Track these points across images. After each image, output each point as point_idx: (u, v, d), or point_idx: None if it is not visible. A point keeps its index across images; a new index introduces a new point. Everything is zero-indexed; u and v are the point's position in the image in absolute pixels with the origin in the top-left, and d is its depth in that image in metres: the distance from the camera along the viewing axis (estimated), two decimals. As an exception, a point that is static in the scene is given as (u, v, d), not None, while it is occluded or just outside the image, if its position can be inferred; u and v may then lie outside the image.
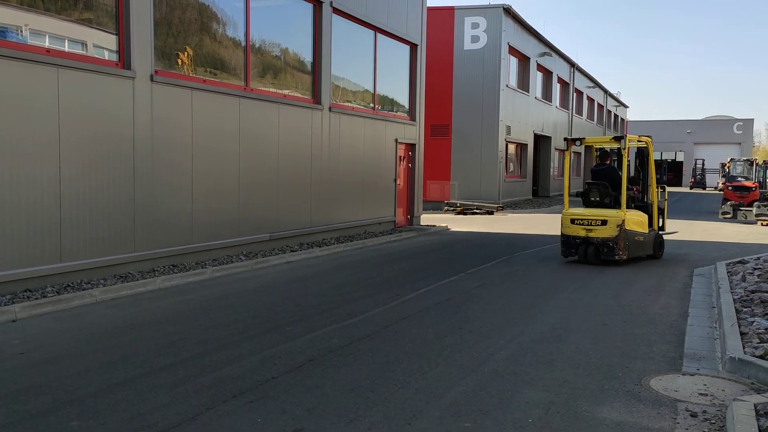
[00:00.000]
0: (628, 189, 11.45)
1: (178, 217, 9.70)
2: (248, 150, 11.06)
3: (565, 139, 11.84)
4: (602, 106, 48.12)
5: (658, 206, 12.16)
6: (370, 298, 8.12)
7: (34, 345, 5.80)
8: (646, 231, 11.62)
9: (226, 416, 4.24)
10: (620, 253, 10.92)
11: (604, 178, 11.61)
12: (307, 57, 12.98)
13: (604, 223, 10.97)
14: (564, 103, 36.81)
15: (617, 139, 11.16)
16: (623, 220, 10.88)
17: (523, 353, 5.79)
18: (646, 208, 11.92)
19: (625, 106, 57.94)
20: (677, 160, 65.89)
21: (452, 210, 23.50)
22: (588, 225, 11.10)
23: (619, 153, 11.82)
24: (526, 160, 30.10)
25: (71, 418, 4.16)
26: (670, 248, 13.81)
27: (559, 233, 11.73)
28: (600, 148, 11.96)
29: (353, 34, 14.61)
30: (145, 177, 9.06)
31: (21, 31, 7.65)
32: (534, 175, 32.52)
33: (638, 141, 11.72)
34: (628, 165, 11.96)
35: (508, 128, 26.86)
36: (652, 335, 6.52)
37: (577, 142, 11.42)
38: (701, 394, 4.82)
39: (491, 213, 23.10)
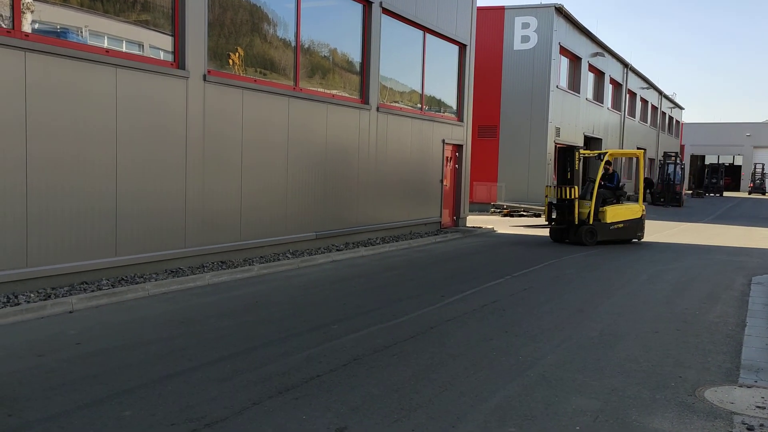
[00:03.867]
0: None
1: (227, 215, 9.88)
2: (296, 149, 11.19)
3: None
4: (656, 108, 46.84)
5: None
6: (415, 299, 8.10)
7: (89, 336, 5.99)
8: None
9: (272, 412, 4.29)
10: None
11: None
12: (356, 57, 13.05)
13: None
14: (616, 105, 36.00)
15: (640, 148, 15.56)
16: None
17: (571, 359, 5.68)
18: None
19: (681, 108, 56.27)
20: (735, 164, 63.70)
21: (499, 212, 23.26)
22: None
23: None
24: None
25: (124, 408, 4.28)
26: (726, 255, 13.36)
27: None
28: (610, 160, 15.38)
29: (402, 34, 14.61)
30: (196, 174, 9.26)
31: (81, 32, 7.92)
32: (583, 178, 31.89)
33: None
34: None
35: (558, 130, 26.43)
36: (707, 344, 6.31)
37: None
38: (759, 407, 4.64)
39: (539, 215, 22.77)
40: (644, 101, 42.97)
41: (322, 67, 12.18)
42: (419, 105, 15.50)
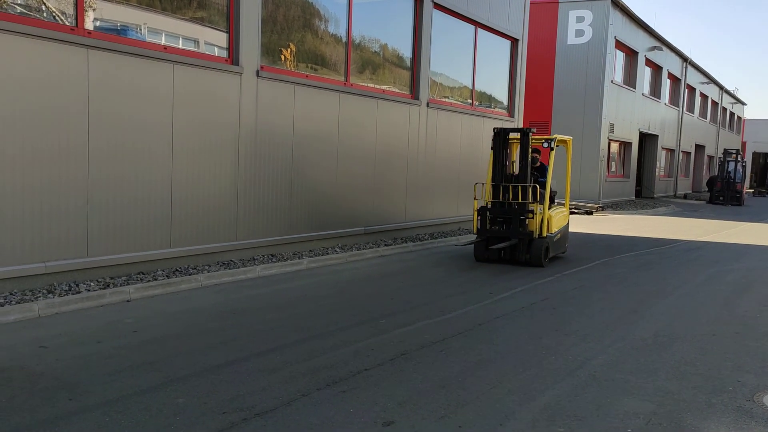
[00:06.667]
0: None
1: (277, 208, 10.02)
2: (346, 144, 11.25)
3: None
4: (717, 104, 45.20)
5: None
6: (463, 295, 8.06)
7: (145, 324, 6.18)
8: None
9: (319, 404, 4.34)
10: None
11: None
12: (407, 52, 13.03)
13: None
14: (674, 100, 34.90)
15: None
16: None
17: (623, 360, 5.55)
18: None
19: (743, 104, 54.12)
20: (800, 162, 60.91)
21: (549, 209, 22.86)
22: None
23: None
24: (629, 159, 28.82)
25: (177, 395, 4.40)
26: (790, 257, 12.80)
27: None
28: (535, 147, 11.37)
29: (453, 29, 14.51)
30: (248, 169, 9.42)
31: (140, 30, 8.16)
32: (638, 175, 31.09)
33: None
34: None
35: (612, 126, 25.81)
36: (768, 349, 6.07)
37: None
38: (823, 416, 4.44)
39: (590, 213, 22.31)
40: (704, 96, 41.51)
41: (372, 63, 12.21)
42: (470, 100, 15.38)
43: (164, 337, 5.78)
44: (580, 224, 18.52)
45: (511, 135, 10.90)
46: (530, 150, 10.61)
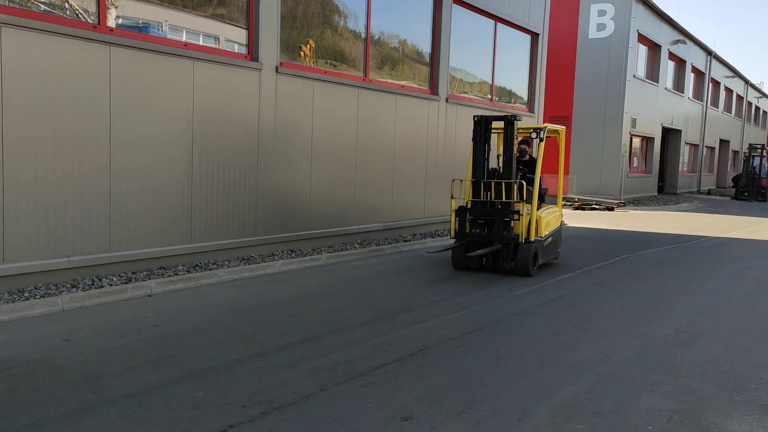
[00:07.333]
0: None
1: (297, 204, 10.06)
2: (365, 139, 11.26)
3: None
4: (742, 98, 44.44)
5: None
6: (481, 291, 8.04)
7: (166, 319, 6.25)
8: None
9: (338, 398, 4.36)
10: None
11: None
12: (425, 48, 12.99)
13: None
14: (698, 95, 34.38)
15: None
16: None
17: (644, 357, 5.50)
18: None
19: (769, 98, 53.18)
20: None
21: (569, 205, 22.71)
22: None
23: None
24: (652, 154, 28.48)
25: (198, 389, 4.45)
26: (817, 253, 12.57)
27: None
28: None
29: (472, 23, 14.43)
30: (267, 164, 9.47)
31: (161, 27, 8.23)
32: (660, 171, 30.70)
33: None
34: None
35: (634, 121, 25.51)
36: (793, 347, 5.97)
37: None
38: None
39: (611, 209, 22.09)
40: (728, 90, 40.85)
41: (391, 58, 12.19)
42: (489, 96, 15.29)
43: (185, 331, 5.84)
44: (600, 220, 18.36)
45: (494, 124, 9.50)
46: (516, 141, 9.19)
